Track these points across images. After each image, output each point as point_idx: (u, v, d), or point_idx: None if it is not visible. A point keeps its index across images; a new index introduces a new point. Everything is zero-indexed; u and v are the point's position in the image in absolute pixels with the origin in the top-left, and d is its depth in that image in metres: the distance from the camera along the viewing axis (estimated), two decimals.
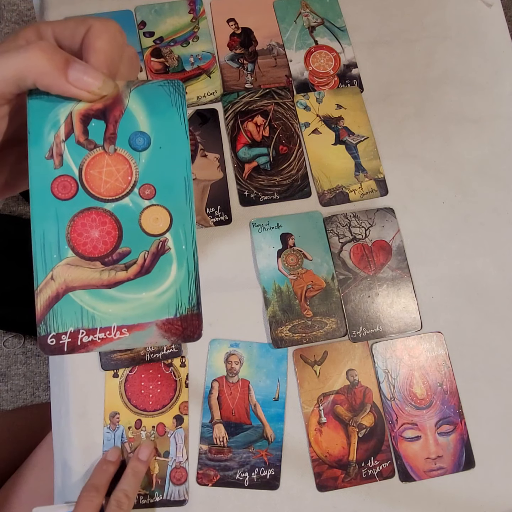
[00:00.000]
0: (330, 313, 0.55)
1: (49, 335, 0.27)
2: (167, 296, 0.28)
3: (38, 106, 0.28)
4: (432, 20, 0.64)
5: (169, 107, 0.29)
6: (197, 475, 0.51)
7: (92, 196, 0.28)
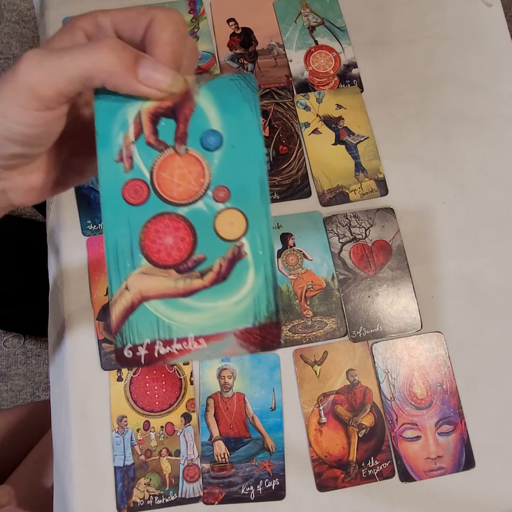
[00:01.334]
0: (330, 313, 0.55)
1: (126, 347, 0.27)
2: (244, 304, 0.27)
3: (106, 106, 0.27)
4: (432, 20, 0.64)
5: (241, 102, 0.27)
6: (202, 494, 0.51)
7: (164, 200, 0.27)
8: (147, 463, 0.51)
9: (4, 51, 1.42)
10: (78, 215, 0.56)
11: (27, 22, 1.44)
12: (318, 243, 0.56)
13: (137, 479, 0.51)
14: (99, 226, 0.56)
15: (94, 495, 0.51)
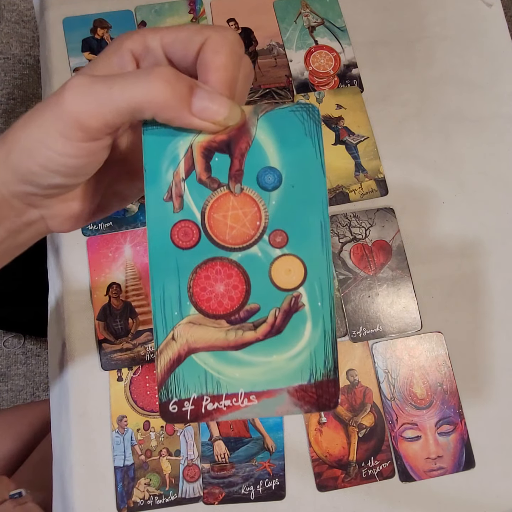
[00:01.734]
0: None
1: (171, 402, 0.25)
2: (300, 360, 0.25)
3: (155, 140, 0.25)
4: (432, 20, 0.64)
5: (302, 137, 0.25)
6: (202, 494, 0.51)
7: (216, 244, 0.25)
8: (147, 463, 0.51)
9: (4, 51, 1.42)
10: None
11: (27, 22, 1.44)
12: None
13: (137, 479, 0.51)
14: (99, 226, 0.56)
15: (94, 495, 0.50)
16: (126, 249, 0.55)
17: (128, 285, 0.54)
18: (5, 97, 1.39)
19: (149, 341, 0.53)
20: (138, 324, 0.53)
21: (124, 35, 0.26)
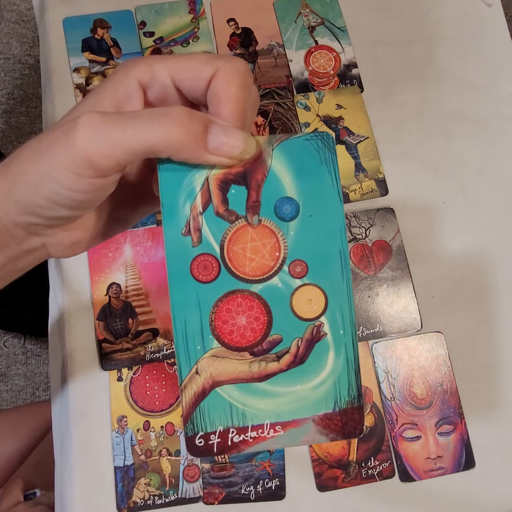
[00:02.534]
0: None
1: (197, 436, 0.25)
2: (324, 388, 0.25)
3: (171, 175, 0.25)
4: (432, 20, 0.64)
5: (318, 166, 0.25)
6: (202, 494, 0.51)
7: (236, 277, 0.25)
8: (147, 463, 0.51)
9: (4, 51, 1.42)
10: None
11: (27, 22, 1.44)
12: None
13: (137, 479, 0.51)
14: None
15: (94, 495, 0.50)
16: (126, 249, 0.55)
17: (128, 285, 0.54)
18: (5, 97, 1.39)
19: (149, 341, 0.53)
20: (138, 324, 0.53)
21: (130, 63, 0.26)
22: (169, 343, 0.53)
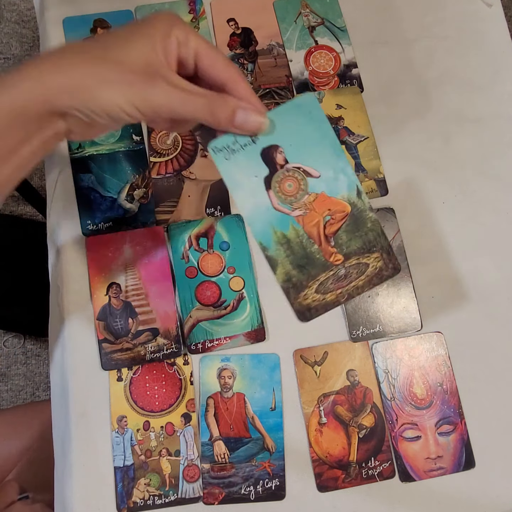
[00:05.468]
0: (369, 246, 0.40)
1: (192, 344, 0.53)
2: (246, 321, 0.54)
3: (177, 236, 0.56)
4: (432, 20, 0.64)
5: (238, 229, 0.56)
6: (202, 495, 0.51)
7: (205, 275, 0.55)
8: (147, 463, 0.51)
9: (4, 51, 1.42)
10: (78, 215, 0.56)
11: (27, 22, 1.44)
12: (321, 144, 0.38)
13: (137, 479, 0.51)
14: (99, 226, 0.56)
15: (94, 495, 0.50)
16: (126, 249, 0.55)
17: (128, 285, 0.54)
18: None
19: (149, 341, 0.53)
20: (138, 324, 0.53)
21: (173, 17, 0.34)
22: (169, 342, 0.53)
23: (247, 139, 0.37)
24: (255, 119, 0.35)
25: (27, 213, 1.33)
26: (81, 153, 0.58)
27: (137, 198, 0.57)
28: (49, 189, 0.58)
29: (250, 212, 0.38)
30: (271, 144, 0.38)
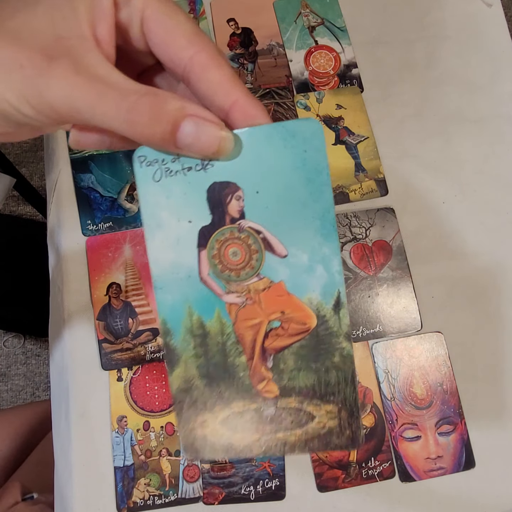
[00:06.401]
0: (324, 390, 0.26)
1: None
2: None
3: None
4: (432, 20, 0.64)
5: None
6: (202, 495, 0.51)
7: None
8: (147, 463, 0.51)
9: None
10: (78, 215, 0.56)
11: None
12: (308, 209, 0.25)
13: (137, 479, 0.51)
14: (99, 226, 0.56)
15: (94, 495, 0.50)
16: (126, 249, 0.55)
17: (128, 285, 0.54)
18: None
19: (149, 341, 0.53)
20: (138, 324, 0.53)
21: None
22: None
23: (195, 161, 0.24)
24: (212, 137, 0.22)
25: (27, 213, 1.34)
26: (81, 153, 0.58)
27: (137, 198, 0.57)
28: (49, 189, 0.58)
29: (164, 272, 0.26)
30: (229, 181, 0.25)
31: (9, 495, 0.60)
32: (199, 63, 0.22)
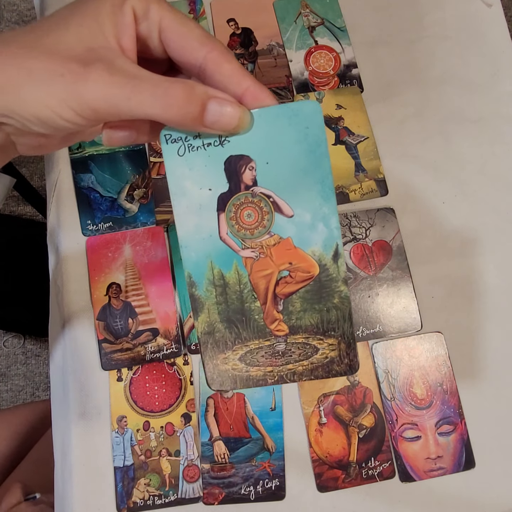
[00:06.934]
0: (326, 327, 0.31)
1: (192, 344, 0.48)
2: None
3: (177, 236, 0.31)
4: (432, 20, 0.64)
5: None
6: (202, 495, 0.51)
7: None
8: (147, 463, 0.51)
9: None
10: (78, 215, 0.56)
11: (27, 22, 1.44)
12: (310, 177, 0.29)
13: (137, 479, 0.51)
14: (99, 226, 0.56)
15: (94, 495, 0.50)
16: (126, 249, 0.55)
17: (128, 285, 0.54)
18: None
19: (149, 341, 0.53)
20: (138, 324, 0.53)
21: None
22: (169, 342, 0.53)
23: (214, 137, 0.28)
24: (233, 113, 0.26)
25: (27, 213, 1.34)
26: (81, 153, 0.58)
27: (137, 198, 0.57)
28: (49, 189, 0.58)
29: (188, 233, 0.30)
30: (243, 154, 0.29)
31: (11, 495, 0.60)
32: (212, 60, 0.26)
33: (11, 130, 0.27)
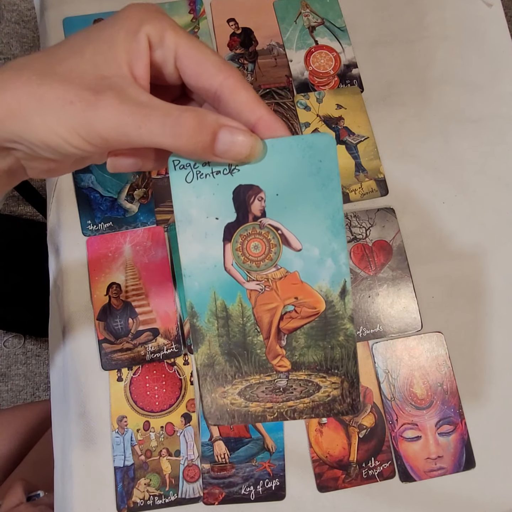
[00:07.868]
0: (329, 365, 0.30)
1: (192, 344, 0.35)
2: None
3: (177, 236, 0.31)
4: (432, 20, 0.64)
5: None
6: (202, 495, 0.51)
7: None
8: (147, 463, 0.51)
9: (4, 51, 1.42)
10: (78, 215, 0.56)
11: (27, 22, 1.44)
12: (320, 211, 0.29)
13: (137, 479, 0.51)
14: (99, 226, 0.56)
15: (94, 495, 0.50)
16: (126, 249, 0.55)
17: (128, 285, 0.54)
18: None
19: (149, 341, 0.53)
20: (138, 324, 0.53)
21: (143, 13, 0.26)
22: (169, 342, 0.53)
23: (223, 165, 0.28)
24: (245, 142, 0.25)
25: (27, 213, 1.34)
26: None
27: (137, 198, 0.57)
28: (49, 189, 0.58)
29: (192, 262, 0.29)
30: (252, 184, 0.28)
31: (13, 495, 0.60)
32: (229, 87, 0.26)
33: (20, 155, 0.27)
